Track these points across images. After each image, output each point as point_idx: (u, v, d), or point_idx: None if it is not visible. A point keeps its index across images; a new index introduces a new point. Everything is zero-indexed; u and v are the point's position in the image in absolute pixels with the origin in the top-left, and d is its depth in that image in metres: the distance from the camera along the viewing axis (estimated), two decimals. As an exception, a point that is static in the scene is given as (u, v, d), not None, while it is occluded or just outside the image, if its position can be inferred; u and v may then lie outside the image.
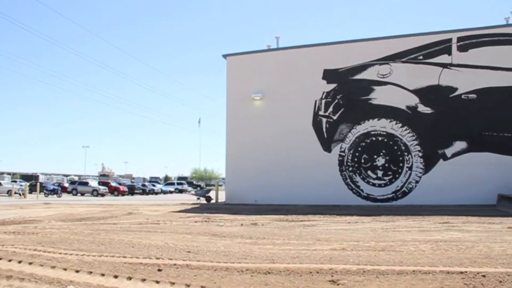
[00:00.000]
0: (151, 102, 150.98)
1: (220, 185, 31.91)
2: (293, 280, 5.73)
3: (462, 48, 20.23)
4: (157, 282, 5.61)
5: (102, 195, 38.01)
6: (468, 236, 10.08)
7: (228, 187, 23.17)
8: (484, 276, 5.87)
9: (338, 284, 5.54)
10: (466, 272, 6.11)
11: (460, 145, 19.91)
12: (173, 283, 5.52)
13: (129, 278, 5.79)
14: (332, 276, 5.90)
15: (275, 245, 8.60)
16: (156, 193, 45.93)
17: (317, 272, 6.06)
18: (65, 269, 6.30)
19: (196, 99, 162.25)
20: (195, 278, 5.74)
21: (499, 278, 5.76)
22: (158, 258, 7.01)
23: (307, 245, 8.56)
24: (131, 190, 43.00)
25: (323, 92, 21.04)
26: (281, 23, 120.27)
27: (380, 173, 20.37)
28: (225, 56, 23.10)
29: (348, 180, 20.65)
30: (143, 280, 5.71)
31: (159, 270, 6.20)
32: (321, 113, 21.01)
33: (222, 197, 24.68)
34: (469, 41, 20.26)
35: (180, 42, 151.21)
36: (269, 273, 6.05)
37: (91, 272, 6.09)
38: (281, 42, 22.92)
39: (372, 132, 20.43)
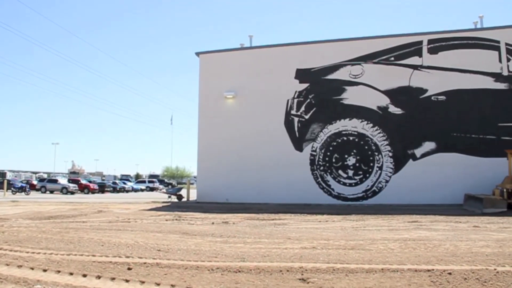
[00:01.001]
0: (124, 100, 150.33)
1: (192, 184, 31.74)
2: (264, 278, 5.75)
3: (432, 51, 20.56)
4: (127, 281, 5.57)
5: (72, 193, 37.38)
6: (435, 234, 10.25)
7: (200, 186, 23.02)
8: (450, 273, 6.01)
9: (308, 283, 5.58)
10: (433, 270, 6.24)
11: (429, 145, 20.21)
12: (143, 282, 5.48)
13: (98, 277, 5.72)
14: (302, 274, 5.94)
15: (246, 244, 8.63)
16: (127, 191, 45.19)
17: (287, 271, 6.11)
18: (32, 269, 6.19)
19: (169, 98, 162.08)
20: (165, 277, 5.71)
21: (464, 275, 5.90)
22: (128, 257, 6.96)
23: (278, 244, 8.61)
24: (102, 188, 42.16)
25: (296, 92, 21.11)
26: (255, 22, 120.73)
27: (351, 173, 20.52)
28: (198, 54, 22.97)
29: (319, 179, 20.73)
30: (113, 279, 5.65)
31: (129, 268, 6.15)
32: (293, 112, 21.06)
33: (193, 196, 24.49)
34: (439, 44, 20.61)
35: (154, 41, 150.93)
36: (239, 271, 6.06)
37: (59, 271, 6.00)
38: (255, 41, 23.00)
39: (344, 132, 20.57)
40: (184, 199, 24.46)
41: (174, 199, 24.52)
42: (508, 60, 20.33)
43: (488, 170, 19.46)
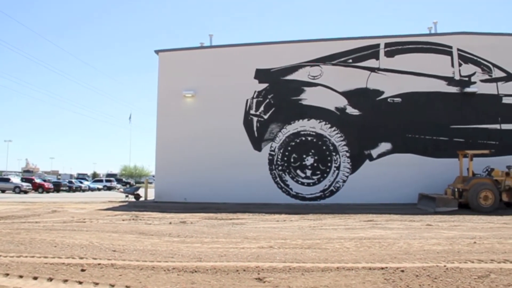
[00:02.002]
0: (82, 98, 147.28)
1: (150, 183, 31.26)
2: (220, 278, 5.76)
3: (389, 54, 21.03)
4: (80, 282, 5.46)
5: (25, 192, 36.18)
6: (390, 233, 10.49)
7: (158, 185, 22.72)
8: (402, 271, 6.17)
9: (264, 282, 5.61)
10: (386, 267, 6.39)
11: (385, 146, 20.64)
12: (96, 284, 5.40)
13: (50, 279, 5.59)
14: (258, 273, 5.98)
15: (203, 244, 8.60)
16: (84, 190, 44.24)
17: (244, 270, 6.13)
18: (-22, 272, 5.97)
19: (129, 96, 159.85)
20: (120, 278, 5.64)
21: (416, 272, 6.07)
22: (81, 258, 6.83)
23: (235, 243, 8.63)
24: (57, 187, 40.99)
25: (255, 92, 21.15)
26: (215, 22, 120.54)
27: (309, 173, 20.70)
28: (157, 52, 22.68)
29: (278, 179, 20.82)
30: (65, 281, 5.53)
31: (83, 270, 6.04)
32: (252, 112, 21.09)
33: (151, 195, 24.15)
34: (396, 47, 21.09)
35: (115, 39, 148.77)
36: (196, 271, 6.04)
37: (7, 274, 5.82)
38: (215, 40, 22.92)
39: (302, 132, 20.74)
40: (142, 199, 24.12)
41: (131, 198, 24.12)
42: (460, 65, 21.04)
43: (441, 170, 20.04)
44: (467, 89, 20.79)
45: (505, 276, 5.99)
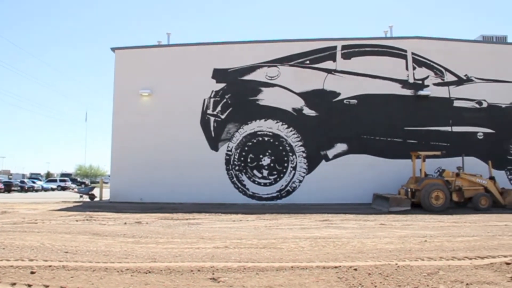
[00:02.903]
0: (35, 96, 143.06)
1: (106, 183, 30.63)
2: (174, 278, 5.71)
3: (346, 56, 21.31)
4: (29, 285, 5.29)
5: (-27, 192, 34.56)
6: (344, 232, 10.63)
7: (113, 185, 22.26)
8: (355, 269, 6.26)
9: (219, 282, 5.60)
10: (340, 266, 6.48)
11: (341, 147, 20.89)
12: (47, 286, 5.24)
13: None
14: (213, 274, 5.97)
15: (158, 244, 8.53)
16: (37, 191, 42.61)
17: (198, 270, 6.10)
18: None
19: (85, 94, 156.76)
20: (72, 280, 5.50)
21: (368, 270, 6.17)
22: (31, 260, 6.63)
23: (191, 244, 8.58)
24: (8, 187, 39.23)
25: (212, 91, 21.04)
26: (173, 20, 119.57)
27: (265, 173, 20.73)
28: (113, 49, 22.24)
29: (235, 179, 20.76)
30: (13, 284, 5.34)
31: (32, 272, 5.84)
32: (209, 112, 20.97)
33: (106, 195, 23.66)
34: (352, 50, 21.40)
35: (71, 37, 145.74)
36: (150, 272, 5.97)
37: None
38: (173, 39, 22.71)
39: (259, 132, 20.76)
40: (97, 199, 23.62)
41: (86, 198, 23.60)
42: (414, 68, 21.54)
43: (395, 171, 20.47)
44: (421, 92, 21.31)
45: (453, 272, 6.19)
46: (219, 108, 20.95)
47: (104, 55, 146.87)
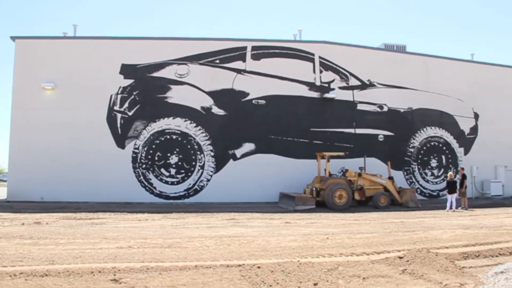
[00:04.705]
0: None
1: (4, 181, 28.96)
2: (73, 281, 5.50)
3: (255, 57, 21.60)
4: None
5: None
6: (250, 231, 10.77)
7: (11, 183, 20.91)
8: (259, 267, 6.35)
9: (120, 283, 5.49)
10: (243, 264, 6.55)
11: (249, 146, 21.14)
12: None
13: None
14: (114, 275, 5.82)
15: (57, 245, 8.19)
16: None
17: (99, 272, 5.94)
18: None
19: None
20: None
21: (271, 268, 6.27)
22: None
23: (93, 244, 8.36)
24: None
25: (120, 87, 20.44)
26: (81, 12, 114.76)
27: (173, 171, 20.51)
28: (13, 38, 20.84)
29: (141, 177, 20.36)
30: None
31: None
32: (116, 108, 20.39)
33: (3, 194, 22.28)
34: (262, 51, 21.73)
35: None
36: (46, 275, 5.70)
37: None
38: (79, 31, 21.81)
39: (167, 130, 20.50)
40: (-9, 198, 22.16)
41: (-23, 198, 22.09)
42: (321, 71, 22.29)
43: (301, 170, 21.05)
44: (327, 95, 22.08)
45: (351, 267, 6.48)
46: (126, 104, 20.43)
47: (2, 45, 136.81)
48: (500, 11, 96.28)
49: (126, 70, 20.53)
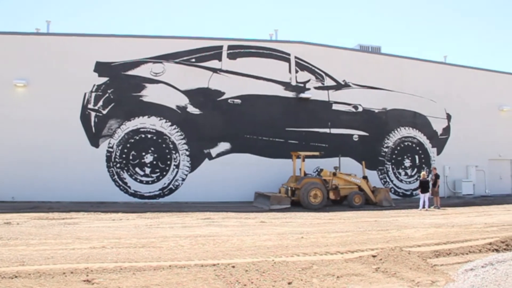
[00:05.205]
0: None
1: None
2: (44, 282, 5.39)
3: (231, 56, 21.59)
4: None
5: None
6: (225, 230, 10.78)
7: (-20, 182, 20.44)
8: (233, 267, 6.35)
9: (93, 284, 5.43)
10: (218, 264, 6.55)
11: (224, 146, 21.12)
12: None
13: None
14: (87, 275, 5.74)
15: (29, 246, 8.05)
16: None
17: (72, 272, 5.84)
18: None
19: None
20: None
21: (246, 267, 6.28)
22: None
23: (65, 244, 8.23)
24: None
25: (94, 85, 20.14)
26: (55, 8, 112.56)
27: (148, 170, 20.35)
28: (-17, 34, 20.48)
29: (116, 176, 20.14)
30: None
31: None
32: (90, 106, 20.10)
33: (-30, 194, 21.78)
34: (238, 51, 21.72)
35: None
36: (16, 277, 5.58)
37: None
38: (53, 28, 21.36)
39: (142, 129, 20.32)
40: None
41: None
42: (297, 71, 22.41)
43: (276, 170, 21.16)
44: (302, 95, 22.21)
45: (325, 266, 6.53)
46: (100, 103, 20.17)
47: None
48: (473, 15, 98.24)
49: (101, 68, 20.26)
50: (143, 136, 20.31)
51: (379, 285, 5.77)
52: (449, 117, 26.02)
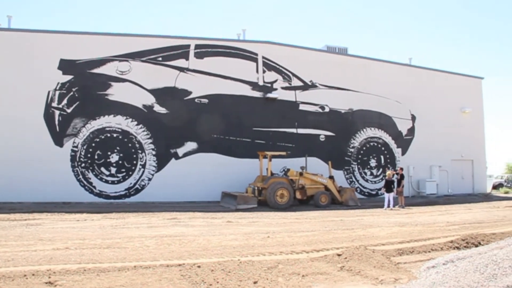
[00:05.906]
0: None
1: None
2: (3, 285, 5.27)
3: (199, 55, 21.53)
4: None
5: None
6: (192, 230, 10.74)
7: None
8: (199, 266, 6.33)
9: (56, 286, 5.33)
10: (184, 264, 6.51)
11: (191, 145, 21.05)
12: None
13: None
14: (49, 277, 5.62)
15: None
16: None
17: (33, 275, 5.71)
18: None
19: None
20: None
21: (212, 267, 6.28)
22: None
23: (27, 246, 8.06)
24: None
25: (58, 83, 19.75)
26: (15, 2, 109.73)
27: (113, 170, 20.10)
28: None
29: (81, 176, 19.82)
30: None
31: None
32: (54, 105, 19.72)
33: None
34: (206, 50, 21.68)
35: None
36: None
37: None
38: (15, 23, 20.87)
39: (107, 128, 20.05)
40: None
41: None
42: (264, 71, 22.52)
43: (243, 170, 21.20)
44: (269, 95, 22.33)
45: (291, 265, 6.59)
46: (65, 101, 19.81)
47: None
48: (437, 18, 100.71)
49: (65, 65, 19.90)
50: (108, 135, 20.05)
51: (344, 283, 5.86)
52: (413, 118, 26.60)
